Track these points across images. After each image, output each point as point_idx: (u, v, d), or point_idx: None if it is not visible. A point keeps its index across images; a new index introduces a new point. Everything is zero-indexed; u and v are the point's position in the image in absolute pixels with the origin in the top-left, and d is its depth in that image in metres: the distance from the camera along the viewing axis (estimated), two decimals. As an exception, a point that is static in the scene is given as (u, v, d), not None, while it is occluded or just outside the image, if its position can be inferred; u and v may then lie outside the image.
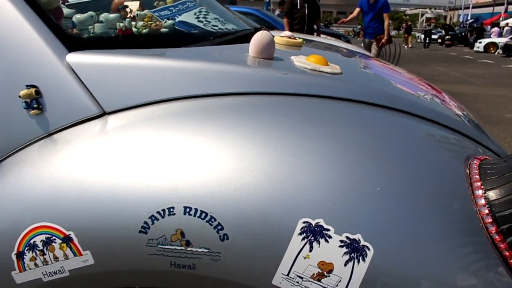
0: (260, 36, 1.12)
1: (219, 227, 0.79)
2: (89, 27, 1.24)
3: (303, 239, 0.77)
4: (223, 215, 0.79)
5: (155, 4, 1.60)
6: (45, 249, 0.86)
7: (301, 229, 0.78)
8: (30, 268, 0.88)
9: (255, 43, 1.12)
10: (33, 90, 0.94)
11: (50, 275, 0.87)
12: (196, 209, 0.80)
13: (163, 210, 0.81)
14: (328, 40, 2.70)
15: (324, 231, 0.77)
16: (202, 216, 0.80)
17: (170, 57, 1.04)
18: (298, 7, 6.87)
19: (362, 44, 7.79)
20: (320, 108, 0.98)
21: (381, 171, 0.85)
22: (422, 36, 29.42)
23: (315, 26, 7.18)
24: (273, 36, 1.17)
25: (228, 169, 0.83)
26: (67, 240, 0.85)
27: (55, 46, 0.98)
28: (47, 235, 0.86)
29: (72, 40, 1.05)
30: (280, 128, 0.89)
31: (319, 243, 0.77)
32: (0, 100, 0.96)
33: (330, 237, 0.77)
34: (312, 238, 0.77)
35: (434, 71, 12.44)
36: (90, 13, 1.25)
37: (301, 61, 1.14)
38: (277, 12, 10.44)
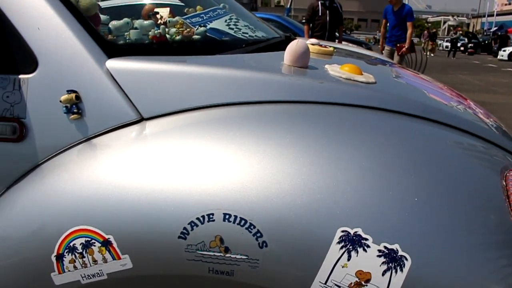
0: (295, 45, 1.12)
1: (258, 234, 0.80)
2: (125, 33, 1.26)
3: (341, 247, 0.78)
4: (262, 222, 0.80)
5: (185, 10, 1.61)
6: (84, 252, 0.88)
7: (340, 237, 0.78)
8: (69, 270, 0.89)
9: (290, 52, 1.13)
10: (73, 95, 0.96)
11: (89, 277, 0.89)
12: (235, 216, 0.81)
13: (203, 217, 0.82)
14: (351, 47, 2.70)
15: (362, 240, 0.78)
16: (242, 223, 0.80)
17: (207, 64, 1.04)
18: (320, 14, 6.84)
19: (383, 52, 7.71)
20: (357, 118, 0.98)
21: (419, 182, 0.85)
22: (447, 44, 28.98)
23: (336, 34, 7.15)
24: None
25: (267, 177, 0.83)
26: (106, 243, 0.86)
27: (95, 52, 1.00)
28: (87, 238, 0.87)
29: (111, 47, 1.07)
30: (318, 137, 0.90)
31: (357, 252, 0.77)
32: (42, 105, 0.98)
33: (368, 246, 0.77)
34: (351, 247, 0.78)
35: (457, 79, 12.28)
36: (126, 19, 1.27)
37: (336, 70, 1.14)
38: None
